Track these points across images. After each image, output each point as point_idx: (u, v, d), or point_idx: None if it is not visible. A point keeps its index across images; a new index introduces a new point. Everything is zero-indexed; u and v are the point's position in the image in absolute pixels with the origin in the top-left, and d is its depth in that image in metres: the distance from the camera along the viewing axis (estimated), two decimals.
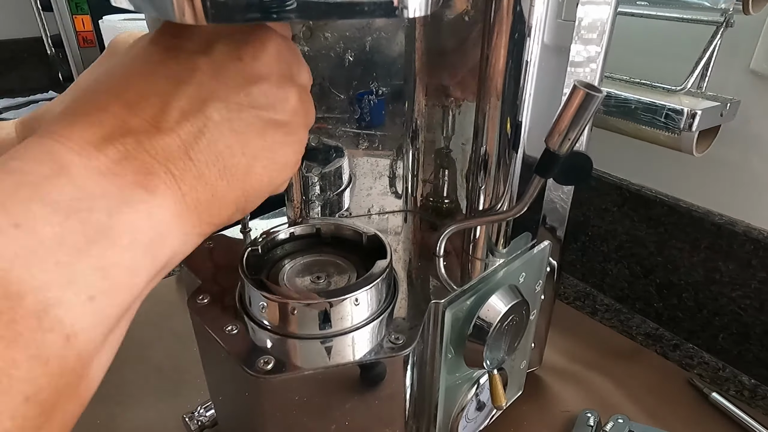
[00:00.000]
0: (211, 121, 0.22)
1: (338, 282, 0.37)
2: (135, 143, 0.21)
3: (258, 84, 0.24)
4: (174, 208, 0.22)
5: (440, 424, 0.40)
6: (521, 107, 0.35)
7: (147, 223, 0.20)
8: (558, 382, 0.55)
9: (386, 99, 0.44)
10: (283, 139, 0.25)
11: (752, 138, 0.55)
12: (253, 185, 0.25)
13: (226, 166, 0.23)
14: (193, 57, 0.23)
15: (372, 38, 0.41)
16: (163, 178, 0.21)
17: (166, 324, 0.61)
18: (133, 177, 0.20)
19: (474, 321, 0.36)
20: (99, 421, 0.49)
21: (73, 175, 0.19)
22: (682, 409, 0.52)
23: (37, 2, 1.06)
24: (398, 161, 0.47)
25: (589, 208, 0.70)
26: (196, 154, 0.22)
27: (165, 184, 0.21)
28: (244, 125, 0.24)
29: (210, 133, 0.22)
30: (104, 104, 0.21)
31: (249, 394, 0.34)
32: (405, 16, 0.23)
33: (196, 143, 0.22)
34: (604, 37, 0.37)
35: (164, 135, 0.21)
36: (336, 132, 0.44)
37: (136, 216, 0.20)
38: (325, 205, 0.46)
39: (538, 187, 0.35)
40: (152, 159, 0.21)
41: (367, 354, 0.33)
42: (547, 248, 0.42)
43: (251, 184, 0.25)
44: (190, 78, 0.22)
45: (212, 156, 0.23)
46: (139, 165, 0.21)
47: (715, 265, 0.59)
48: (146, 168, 0.21)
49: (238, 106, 0.23)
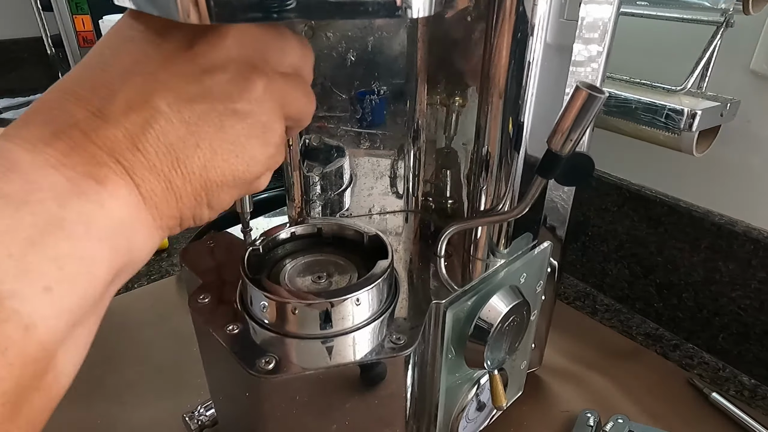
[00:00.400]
0: (158, 112, 0.22)
1: (339, 282, 0.37)
2: (81, 135, 0.21)
3: (212, 73, 0.23)
4: (128, 198, 0.21)
5: (441, 424, 0.40)
6: (523, 107, 0.35)
7: (100, 213, 0.20)
8: (558, 382, 0.55)
9: (388, 98, 0.44)
10: (247, 131, 0.24)
11: (752, 138, 0.55)
12: (214, 179, 0.24)
13: (179, 158, 0.23)
14: (144, 47, 0.23)
15: (374, 38, 0.41)
16: (112, 168, 0.21)
17: (166, 324, 0.61)
18: (83, 168, 0.20)
19: (475, 321, 0.36)
20: (99, 421, 0.49)
21: (23, 170, 0.19)
22: (682, 409, 0.52)
23: (37, 2, 1.06)
24: (399, 161, 0.47)
25: (589, 208, 0.70)
26: (143, 145, 0.22)
27: (115, 174, 0.21)
28: (196, 116, 0.23)
29: (158, 124, 0.22)
30: (58, 100, 0.22)
31: (249, 393, 0.33)
32: (408, 17, 0.23)
33: (143, 134, 0.22)
34: (606, 37, 0.37)
35: (109, 126, 0.21)
36: (337, 131, 0.44)
37: (88, 206, 0.20)
38: (325, 205, 0.46)
39: (539, 187, 0.35)
40: (99, 150, 0.21)
41: (368, 354, 0.33)
42: (548, 249, 0.42)
43: (211, 177, 0.24)
44: (137, 68, 0.22)
45: (162, 147, 0.22)
46: (88, 156, 0.21)
47: (715, 265, 0.59)
48: (95, 159, 0.21)
49: (188, 96, 0.23)
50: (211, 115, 0.23)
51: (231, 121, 0.24)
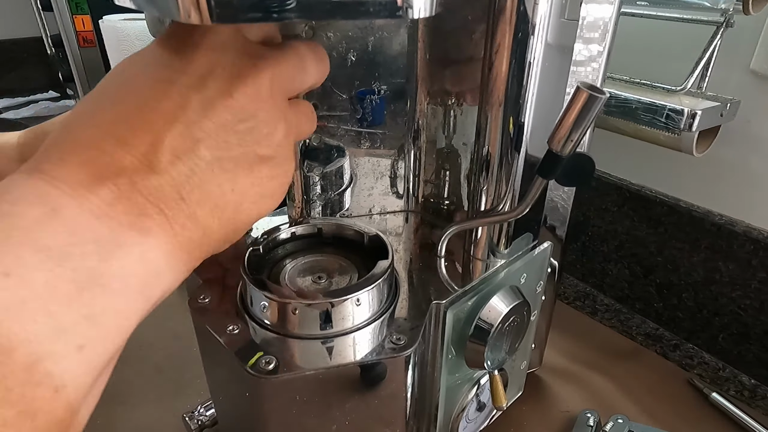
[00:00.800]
0: (202, 160, 0.22)
1: (339, 282, 0.37)
2: (128, 183, 0.20)
3: (247, 121, 0.23)
4: (166, 248, 0.21)
5: (441, 424, 0.40)
6: (524, 107, 0.35)
7: (139, 266, 0.20)
8: (558, 382, 0.55)
9: (388, 98, 0.44)
10: (270, 172, 0.25)
11: (752, 138, 0.55)
12: (243, 220, 0.25)
13: (217, 205, 0.23)
14: (185, 92, 0.22)
15: (374, 38, 0.41)
16: (156, 219, 0.21)
17: (166, 324, 0.61)
18: (126, 218, 0.20)
19: (475, 322, 0.36)
20: (99, 421, 0.49)
21: (65, 219, 0.19)
22: (682, 409, 0.52)
23: (37, 2, 1.06)
24: (399, 161, 0.47)
25: (589, 208, 0.70)
26: (188, 194, 0.22)
27: (158, 225, 0.21)
28: (233, 164, 0.23)
29: (201, 173, 0.22)
30: (96, 140, 0.21)
31: (249, 394, 0.33)
32: (409, 17, 0.23)
33: (188, 183, 0.22)
34: (607, 36, 0.37)
35: (157, 175, 0.21)
36: (337, 131, 0.44)
37: (128, 259, 0.20)
38: (326, 205, 0.46)
39: (540, 188, 0.35)
40: (145, 200, 0.21)
41: (368, 354, 0.33)
42: (548, 249, 0.42)
43: (241, 219, 0.25)
44: (181, 115, 0.22)
45: (203, 195, 0.22)
46: (132, 206, 0.20)
47: (715, 265, 0.59)
48: (139, 209, 0.20)
49: (227, 145, 0.23)
50: (244, 161, 0.24)
51: (258, 165, 0.25)
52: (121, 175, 0.20)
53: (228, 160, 0.23)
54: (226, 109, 0.23)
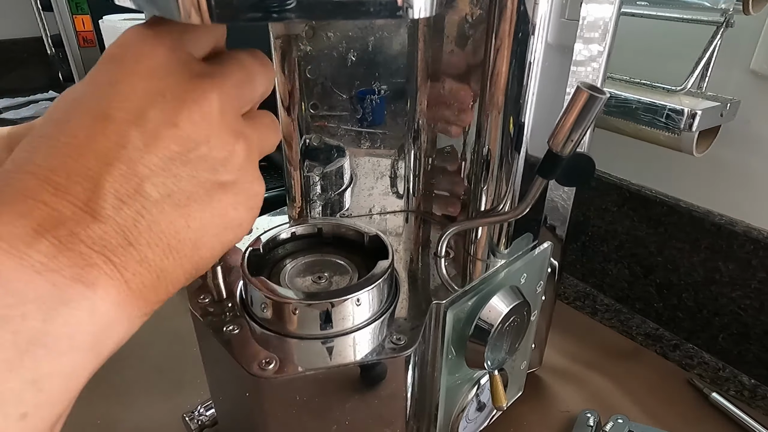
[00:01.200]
0: (148, 200, 0.20)
1: (340, 282, 0.37)
2: (69, 235, 0.19)
3: (197, 149, 0.21)
4: (117, 298, 0.20)
5: (441, 424, 0.40)
6: (524, 107, 0.35)
7: (88, 321, 0.19)
8: (558, 382, 0.55)
9: (388, 98, 0.44)
10: (233, 200, 0.23)
11: (752, 138, 0.55)
12: (204, 256, 0.23)
13: (170, 245, 0.21)
14: (123, 129, 0.20)
15: (374, 37, 0.41)
16: (103, 268, 0.19)
17: (166, 324, 0.61)
18: (70, 272, 0.18)
19: (475, 322, 0.36)
20: (99, 421, 0.49)
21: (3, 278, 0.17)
22: (682, 409, 0.52)
23: (37, 2, 1.06)
24: (400, 161, 0.47)
25: (589, 208, 0.70)
26: (136, 238, 0.20)
27: (106, 275, 0.19)
28: (186, 198, 0.21)
29: (149, 214, 0.20)
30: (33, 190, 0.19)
31: (249, 394, 0.33)
32: (410, 17, 0.23)
33: (136, 226, 0.20)
34: (607, 36, 0.37)
35: (101, 223, 0.19)
36: (337, 131, 0.44)
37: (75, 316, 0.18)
38: (326, 205, 0.46)
39: (540, 188, 0.35)
40: (89, 249, 0.19)
41: (368, 354, 0.33)
42: (548, 249, 0.42)
43: (202, 255, 0.23)
44: (122, 154, 0.20)
45: (154, 237, 0.21)
46: (76, 257, 0.19)
47: (715, 265, 0.59)
48: (84, 260, 0.19)
49: (177, 179, 0.21)
50: (199, 193, 0.22)
51: (218, 193, 0.23)
52: (61, 227, 0.19)
53: (180, 195, 0.21)
54: (172, 140, 0.21)
